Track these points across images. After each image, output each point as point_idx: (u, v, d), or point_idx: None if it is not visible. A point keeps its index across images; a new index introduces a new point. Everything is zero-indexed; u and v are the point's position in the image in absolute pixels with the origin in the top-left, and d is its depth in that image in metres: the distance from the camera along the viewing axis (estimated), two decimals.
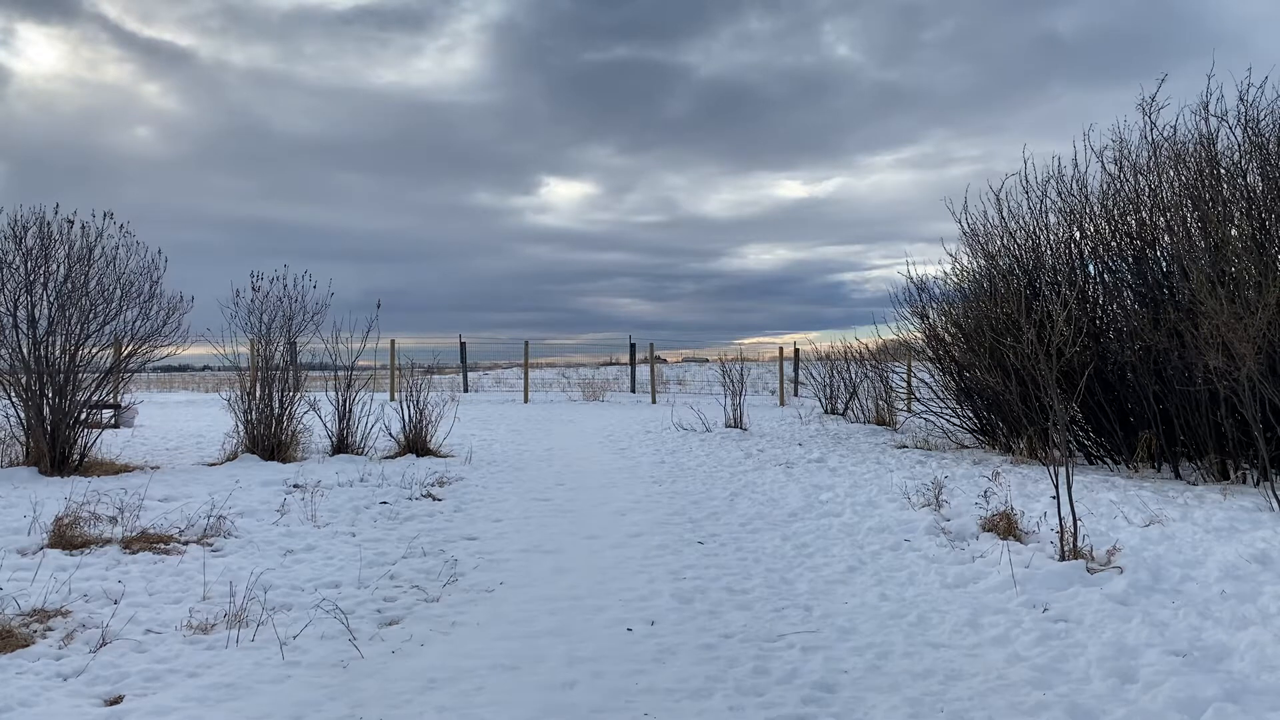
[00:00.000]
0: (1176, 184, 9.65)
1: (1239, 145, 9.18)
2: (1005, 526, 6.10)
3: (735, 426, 14.74)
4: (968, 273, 12.54)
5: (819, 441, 13.15)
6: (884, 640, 4.21)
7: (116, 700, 3.47)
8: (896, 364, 17.51)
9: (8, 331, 9.15)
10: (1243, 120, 9.11)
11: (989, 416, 12.24)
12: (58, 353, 9.29)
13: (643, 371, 26.81)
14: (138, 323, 9.84)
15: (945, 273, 14.17)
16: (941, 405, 13.35)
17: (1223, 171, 9.31)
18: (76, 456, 9.34)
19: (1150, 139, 9.83)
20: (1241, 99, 9.14)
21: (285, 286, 10.84)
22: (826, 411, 18.40)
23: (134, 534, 6.07)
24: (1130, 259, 10.28)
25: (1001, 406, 11.36)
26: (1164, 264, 9.88)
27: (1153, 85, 9.93)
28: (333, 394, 11.13)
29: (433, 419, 11.34)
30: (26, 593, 4.66)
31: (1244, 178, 9.19)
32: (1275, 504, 7.10)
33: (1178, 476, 9.19)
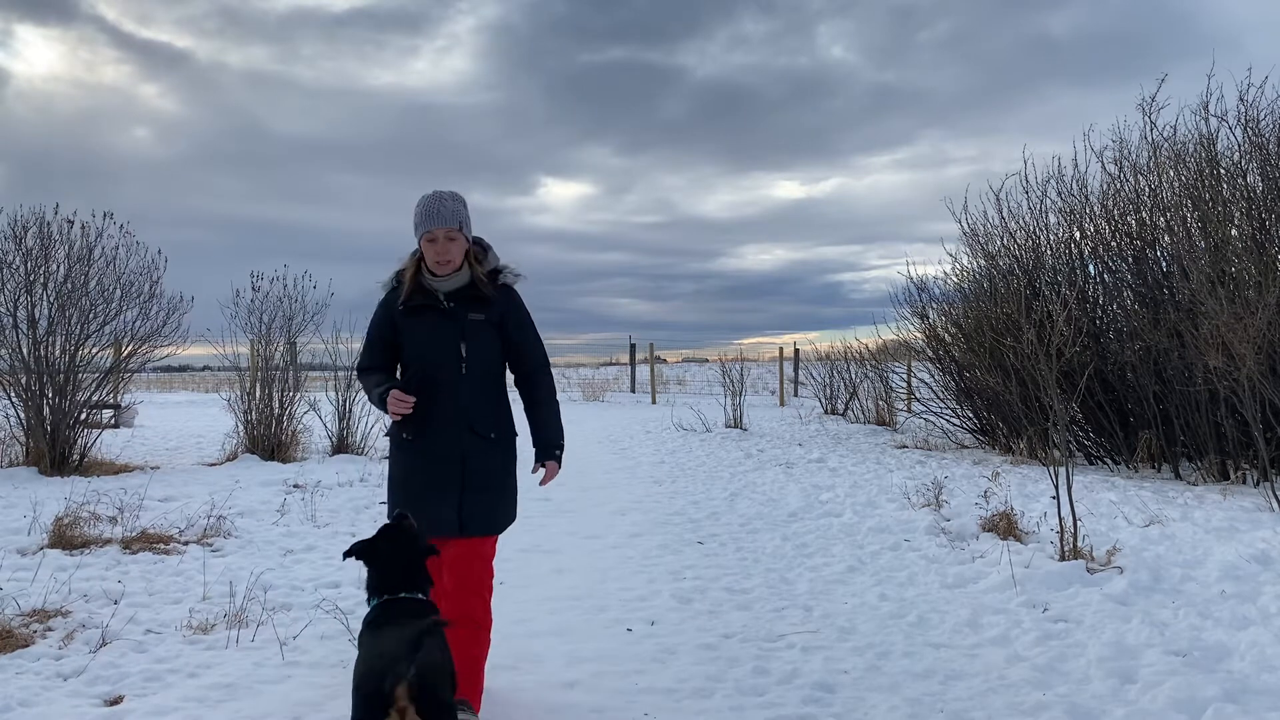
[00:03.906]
0: (1176, 184, 9.64)
1: (1239, 145, 9.18)
2: (1005, 526, 6.10)
3: (735, 427, 14.74)
4: (968, 273, 12.55)
5: (819, 441, 13.15)
6: (884, 640, 4.21)
7: (116, 700, 3.47)
8: (896, 364, 17.50)
9: (8, 331, 9.14)
10: (1243, 120, 9.11)
11: (989, 416, 12.23)
12: (58, 353, 9.29)
13: (642, 372, 26.80)
14: (138, 323, 9.85)
15: (945, 273, 14.17)
16: (941, 405, 13.35)
17: (1223, 171, 9.31)
18: (76, 456, 9.34)
19: (1150, 139, 9.83)
20: (1241, 99, 9.14)
21: (285, 286, 10.85)
22: (826, 411, 18.39)
23: (134, 534, 6.06)
24: (1130, 259, 10.27)
25: (1001, 406, 11.36)
26: (1164, 264, 9.88)
27: (1149, 86, 9.94)
28: (333, 394, 11.13)
29: None
30: (26, 593, 4.66)
31: (1244, 178, 9.18)
32: (1275, 504, 7.10)
33: (1178, 477, 9.19)
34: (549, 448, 3.43)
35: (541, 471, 3.43)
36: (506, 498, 3.41)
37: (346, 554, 2.89)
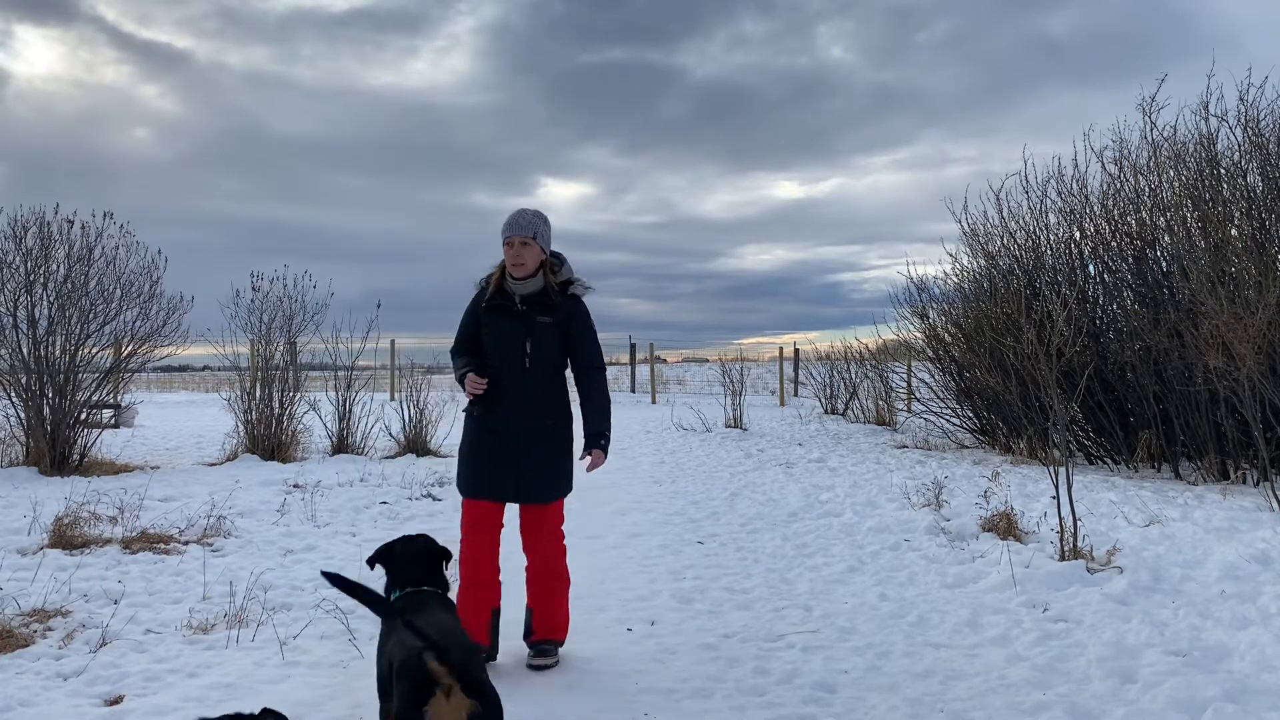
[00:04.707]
0: (1176, 184, 9.64)
1: (1239, 145, 9.18)
2: (1005, 526, 6.10)
3: (735, 426, 14.74)
4: (968, 273, 12.56)
5: (819, 441, 13.15)
6: (884, 640, 4.21)
7: (116, 700, 3.47)
8: (896, 364, 17.50)
9: (8, 331, 9.14)
10: (1243, 120, 9.11)
11: (989, 416, 12.24)
12: (58, 353, 9.28)
13: (643, 371, 26.81)
14: (138, 323, 9.84)
15: (945, 273, 14.17)
16: (941, 405, 13.35)
17: (1223, 171, 9.31)
18: (76, 456, 9.33)
19: (1150, 139, 9.83)
20: (1241, 99, 9.14)
21: (285, 286, 10.84)
22: (826, 411, 18.40)
23: (134, 534, 6.06)
24: (1130, 259, 10.27)
25: (1001, 406, 11.36)
26: (1164, 264, 9.88)
27: (1149, 86, 9.95)
28: (333, 394, 11.12)
29: (433, 419, 11.34)
30: (26, 593, 4.66)
31: (1244, 178, 9.18)
32: (1275, 504, 7.10)
33: (1178, 476, 9.19)
34: (595, 437, 3.97)
35: (588, 459, 3.95)
36: (559, 473, 4.00)
37: (371, 561, 3.22)
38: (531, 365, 3.90)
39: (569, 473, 4.07)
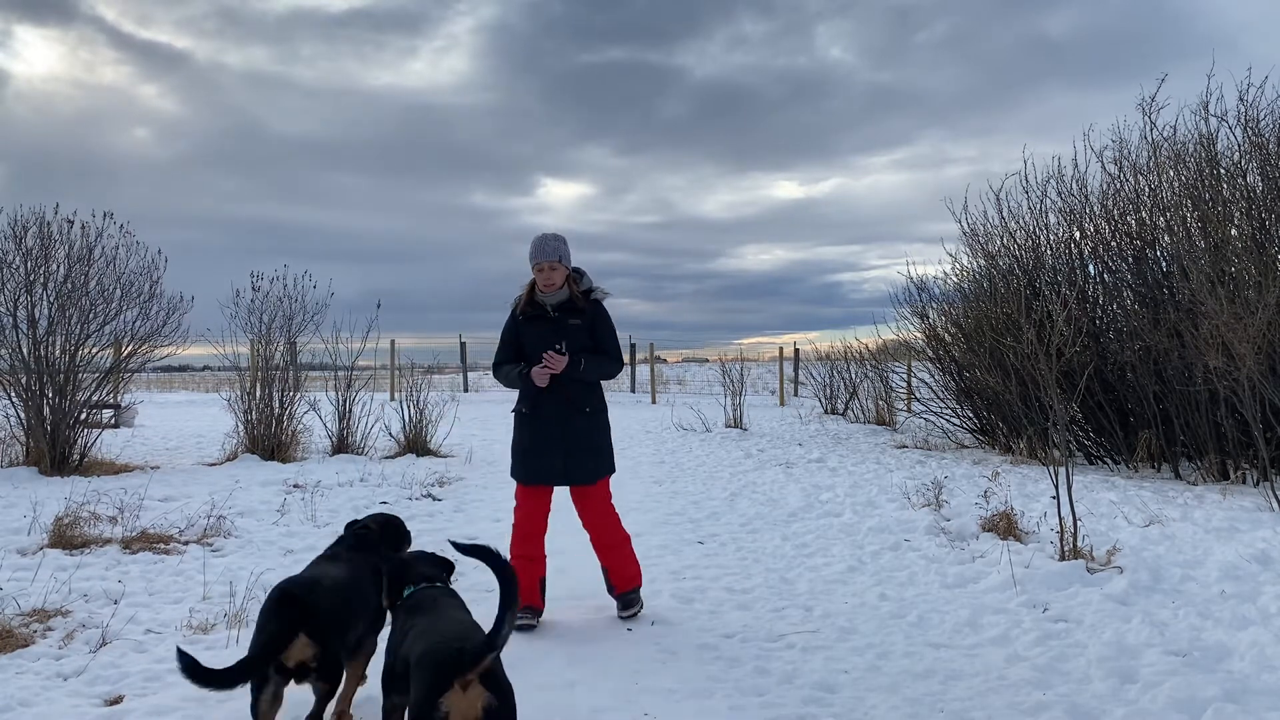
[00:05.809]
0: (1176, 184, 9.64)
1: (1239, 145, 9.17)
2: (1005, 526, 6.10)
3: (735, 426, 14.74)
4: (968, 273, 12.56)
5: (819, 441, 13.14)
6: (884, 640, 4.21)
7: (116, 700, 3.47)
8: (896, 364, 17.50)
9: (8, 331, 9.14)
10: (1242, 120, 9.11)
11: (989, 416, 12.24)
12: (58, 353, 9.28)
13: (643, 371, 26.82)
14: (138, 323, 9.84)
15: (945, 273, 14.18)
16: (941, 405, 13.35)
17: (1223, 171, 9.30)
18: (76, 456, 9.34)
19: (1150, 139, 9.83)
20: (1241, 99, 9.14)
21: (285, 286, 10.84)
22: (826, 411, 18.40)
23: (134, 534, 6.06)
24: (1130, 259, 10.27)
25: (1001, 406, 11.36)
26: (1164, 264, 9.88)
27: (1149, 86, 9.94)
28: (333, 394, 11.12)
29: (433, 419, 11.34)
30: (26, 593, 4.66)
31: (1244, 178, 9.18)
32: (1275, 504, 7.10)
33: (1178, 476, 9.19)
34: (577, 357, 4.49)
35: (556, 350, 4.46)
36: (602, 454, 4.63)
37: (384, 576, 3.34)
38: (568, 362, 4.48)
39: (610, 455, 4.70)
